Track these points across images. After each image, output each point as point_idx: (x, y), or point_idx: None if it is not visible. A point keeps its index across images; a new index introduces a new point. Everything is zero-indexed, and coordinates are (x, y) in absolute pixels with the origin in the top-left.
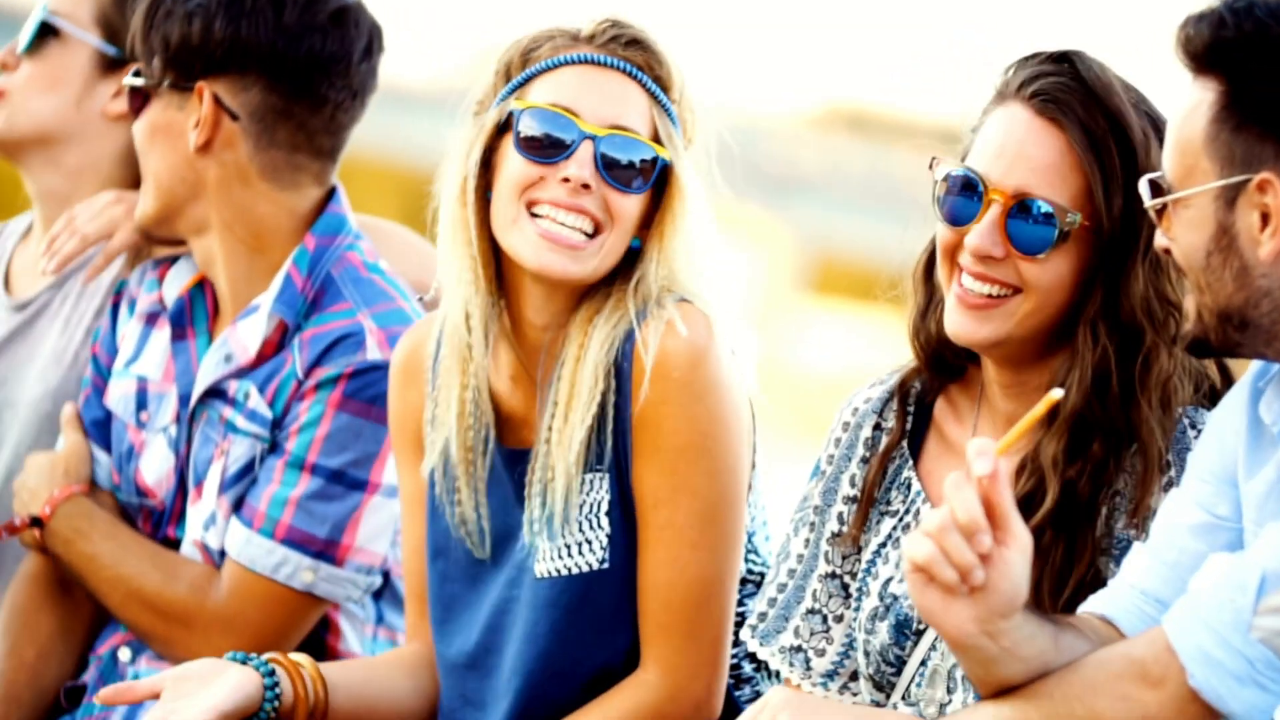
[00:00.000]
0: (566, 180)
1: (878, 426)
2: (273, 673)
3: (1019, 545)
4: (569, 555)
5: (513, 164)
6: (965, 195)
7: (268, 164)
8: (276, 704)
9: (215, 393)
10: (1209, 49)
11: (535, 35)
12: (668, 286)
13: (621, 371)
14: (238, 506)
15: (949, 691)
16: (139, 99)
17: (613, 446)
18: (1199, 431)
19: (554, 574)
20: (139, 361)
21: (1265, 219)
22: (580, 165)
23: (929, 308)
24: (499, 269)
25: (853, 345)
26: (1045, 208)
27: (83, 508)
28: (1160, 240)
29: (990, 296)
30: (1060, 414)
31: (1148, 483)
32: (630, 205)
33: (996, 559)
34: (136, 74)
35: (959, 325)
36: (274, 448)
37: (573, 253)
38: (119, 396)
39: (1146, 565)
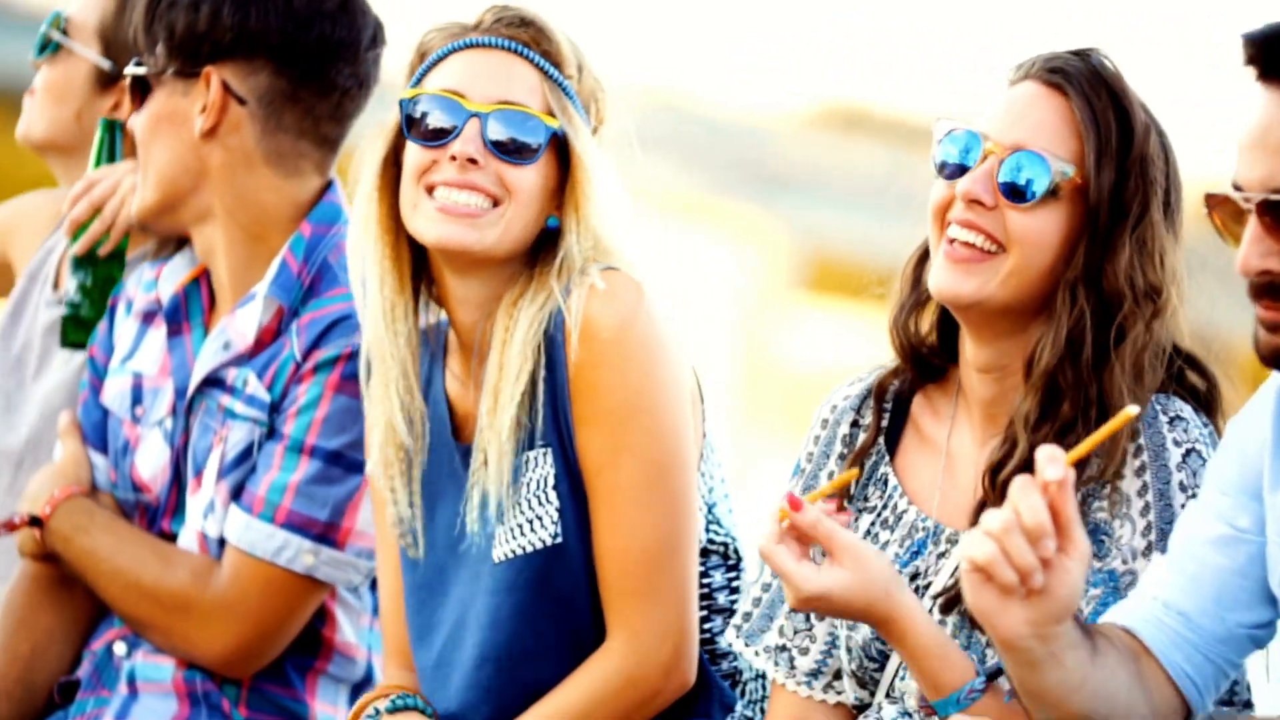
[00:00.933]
0: (454, 159)
1: (855, 424)
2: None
3: (1079, 554)
4: (521, 535)
5: (410, 153)
6: (963, 150)
7: (273, 149)
8: None
9: (213, 382)
10: None
11: (430, 31)
12: (594, 259)
13: (554, 343)
14: (237, 493)
15: None
16: (139, 92)
17: (553, 420)
18: (1170, 419)
19: (510, 555)
20: (135, 358)
21: None
22: (465, 142)
23: (914, 305)
24: (420, 268)
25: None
26: (1038, 158)
27: (83, 505)
28: (1267, 262)
29: (976, 248)
30: (1033, 373)
31: (1115, 452)
32: (525, 178)
33: (1057, 565)
34: (138, 63)
35: (943, 280)
36: (272, 432)
37: (470, 221)
38: (115, 393)
39: (1167, 577)
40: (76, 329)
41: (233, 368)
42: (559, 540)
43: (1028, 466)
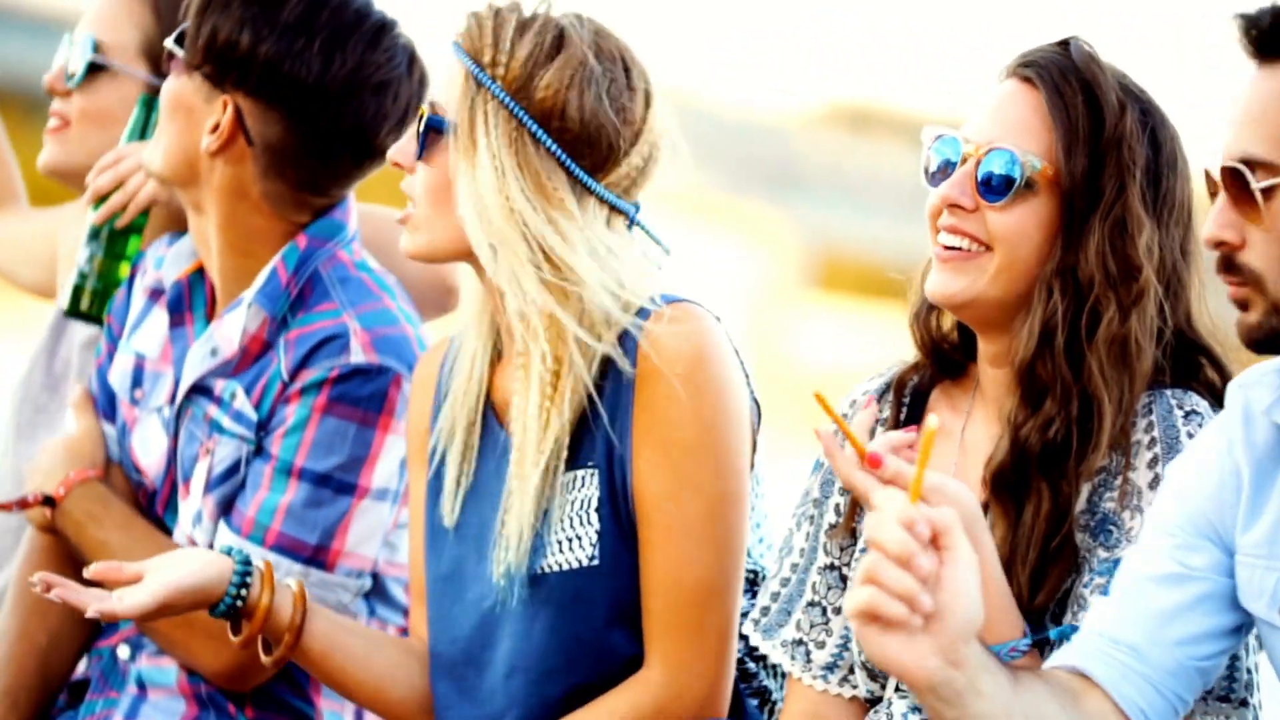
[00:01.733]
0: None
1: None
2: (247, 565)
3: (964, 561)
4: (560, 551)
5: None
6: (944, 156)
7: (271, 192)
8: (242, 598)
9: (201, 389)
10: None
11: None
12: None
13: (618, 369)
14: (226, 510)
15: None
16: (173, 61)
17: (605, 442)
18: (1186, 413)
19: (545, 570)
20: (139, 336)
21: None
22: (393, 149)
23: (931, 304)
24: None
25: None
26: (1008, 155)
27: (98, 492)
28: (1224, 234)
29: (961, 250)
30: (1014, 368)
31: (1100, 428)
32: (419, 178)
33: (943, 579)
34: (179, 40)
35: (934, 283)
36: (259, 451)
37: (401, 228)
38: (119, 372)
39: (1113, 614)
40: (80, 299)
41: (220, 378)
42: (596, 563)
43: (1018, 460)
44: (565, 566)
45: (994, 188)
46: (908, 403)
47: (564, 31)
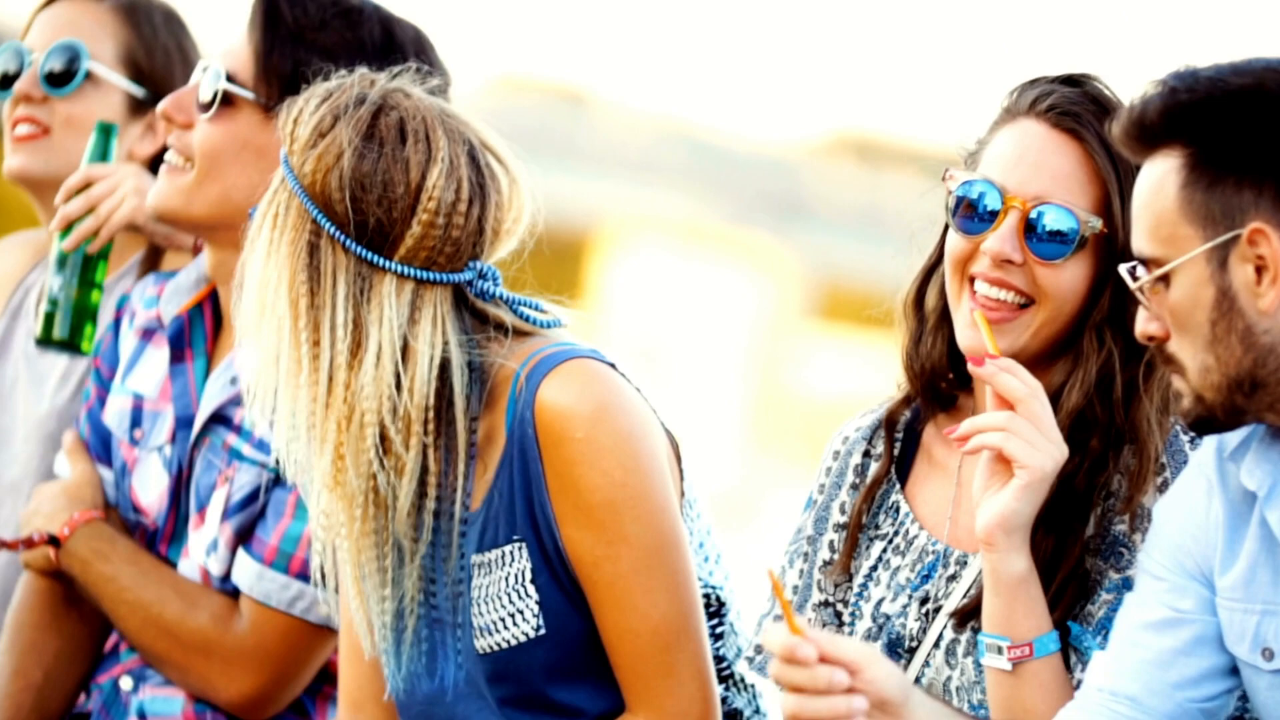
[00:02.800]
0: None
1: (866, 454)
2: None
3: (870, 661)
4: (503, 628)
5: None
6: (982, 204)
7: None
8: None
9: (219, 418)
10: (1166, 119)
11: None
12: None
13: (524, 434)
14: (246, 537)
15: (945, 702)
16: (227, 106)
17: (527, 513)
18: (1192, 438)
19: (492, 649)
20: (134, 377)
21: (1260, 271)
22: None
23: (921, 336)
24: None
25: (859, 371)
26: (1066, 214)
27: (103, 531)
28: (1148, 327)
29: (1005, 304)
30: (1060, 411)
31: (1142, 480)
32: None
33: (861, 683)
34: (229, 79)
35: (975, 339)
36: (280, 479)
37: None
38: (115, 413)
39: (1110, 668)
40: (52, 327)
41: (240, 406)
42: (542, 632)
43: (1060, 498)
44: (512, 642)
45: (1050, 245)
46: (900, 439)
47: (338, 114)
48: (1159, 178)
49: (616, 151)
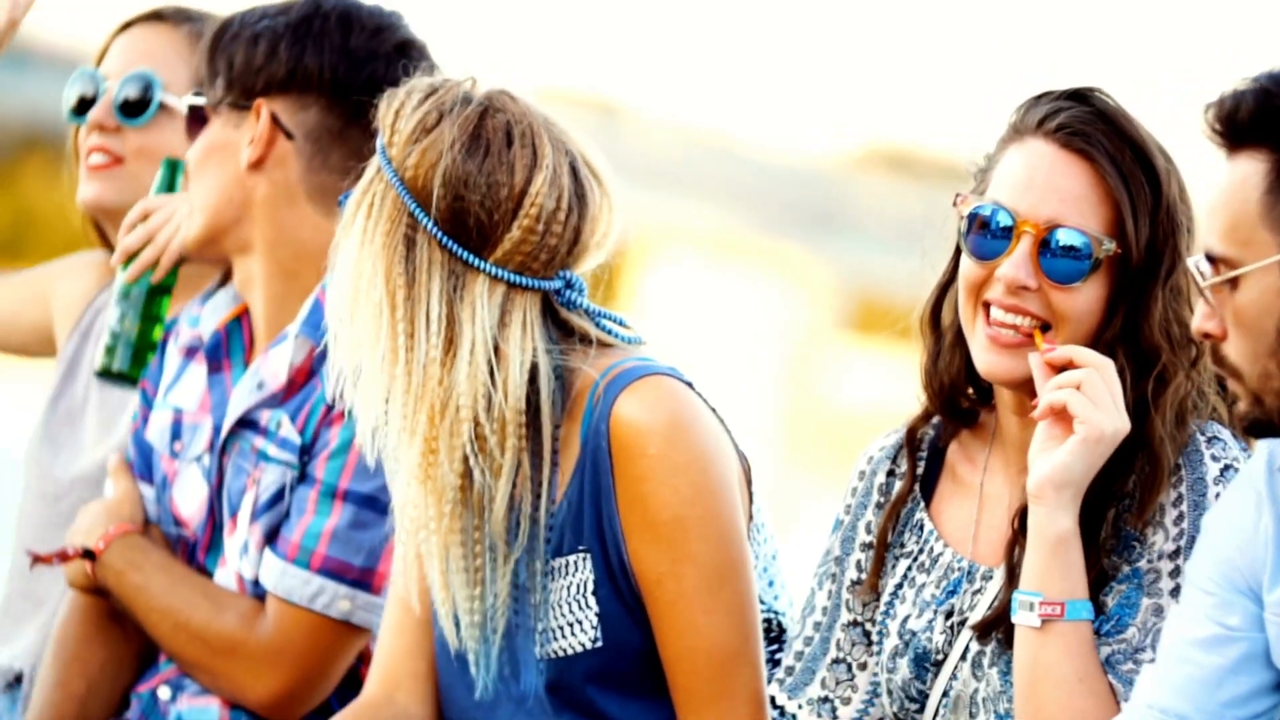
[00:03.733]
0: None
1: (891, 473)
2: None
3: None
4: (561, 637)
5: None
6: (994, 229)
7: (317, 186)
8: None
9: (247, 423)
10: (1257, 120)
11: None
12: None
13: (598, 446)
14: (271, 537)
15: (972, 716)
16: (197, 122)
17: (595, 524)
18: (1208, 439)
19: (550, 656)
20: (175, 392)
21: None
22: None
23: (939, 353)
24: None
25: (892, 383)
26: (1079, 237)
27: (137, 543)
28: (1206, 325)
29: (1021, 329)
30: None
31: (1156, 487)
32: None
33: None
34: (197, 94)
35: (993, 364)
36: (304, 477)
37: None
38: (156, 429)
39: (1159, 685)
40: (112, 360)
41: (266, 409)
42: (599, 644)
43: (1086, 510)
44: (569, 651)
45: (1064, 269)
46: (924, 457)
47: (444, 111)
48: (1241, 179)
49: (650, 163)
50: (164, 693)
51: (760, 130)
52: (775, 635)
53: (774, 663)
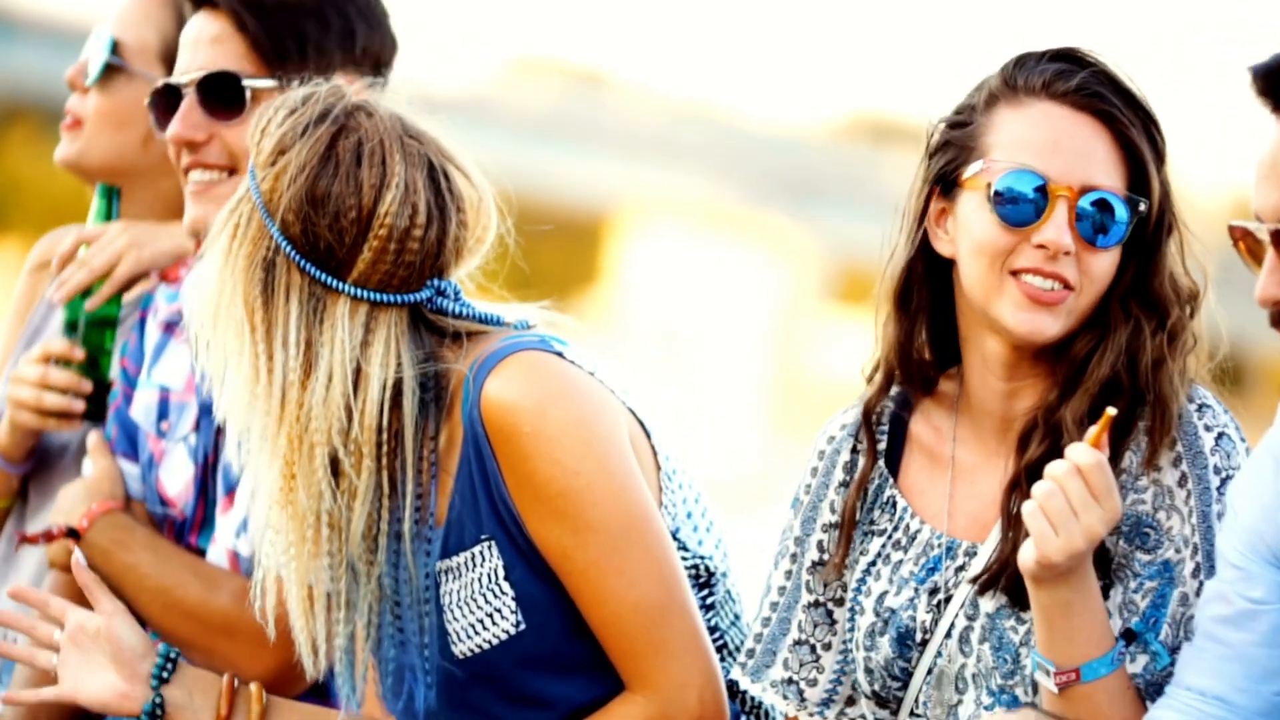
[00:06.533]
0: None
1: (855, 450)
2: (170, 657)
3: None
4: (483, 629)
5: None
6: (1027, 195)
7: None
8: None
9: None
10: None
11: None
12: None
13: (475, 433)
14: None
15: (958, 691)
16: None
17: (492, 511)
18: (1198, 407)
19: (473, 652)
20: (159, 370)
21: None
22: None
23: (912, 331)
24: None
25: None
26: (1116, 199)
27: (121, 521)
28: (1277, 291)
29: (1052, 292)
30: (1088, 379)
31: (1163, 435)
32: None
33: None
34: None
35: (1030, 324)
36: None
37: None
38: (142, 407)
39: (1196, 666)
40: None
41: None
42: (522, 628)
43: None
44: (494, 641)
45: (1102, 232)
46: (885, 431)
47: (299, 132)
48: None
49: (634, 133)
50: None
51: (744, 100)
52: (705, 580)
53: (706, 608)
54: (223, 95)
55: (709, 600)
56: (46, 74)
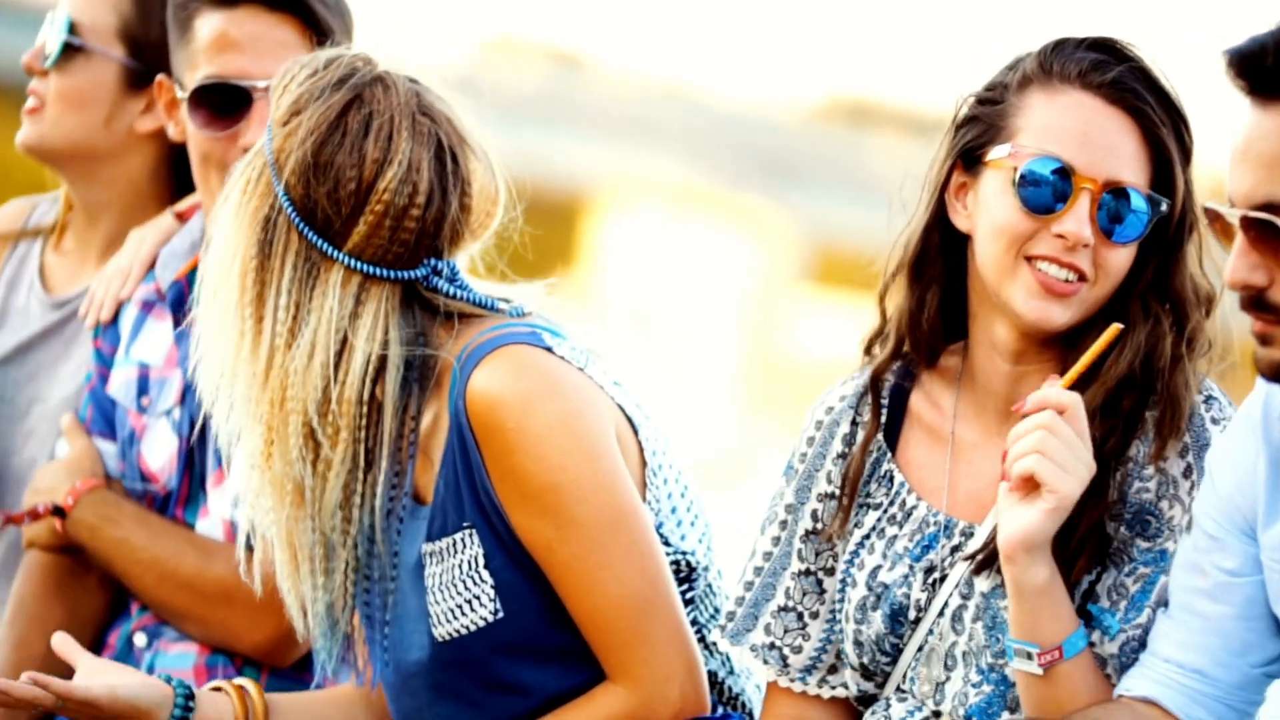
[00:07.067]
0: None
1: (854, 422)
2: (189, 697)
3: None
4: (461, 615)
5: None
6: (1051, 184)
7: None
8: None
9: None
10: None
11: None
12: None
13: (460, 421)
14: None
15: (947, 669)
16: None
17: (474, 500)
18: (1205, 399)
19: (452, 636)
20: (138, 347)
21: None
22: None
23: (923, 302)
24: None
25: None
26: (1139, 196)
27: (108, 496)
28: (1253, 276)
29: (1068, 283)
30: (1104, 375)
31: (1177, 429)
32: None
33: None
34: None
35: (1041, 311)
36: None
37: None
38: (121, 383)
39: (1174, 636)
40: None
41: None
42: (500, 615)
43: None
44: (472, 627)
45: (1123, 228)
46: (886, 404)
47: (314, 95)
48: None
49: (611, 114)
50: (139, 639)
51: (721, 82)
52: (685, 575)
53: (686, 602)
54: None
55: (689, 595)
56: (12, 53)
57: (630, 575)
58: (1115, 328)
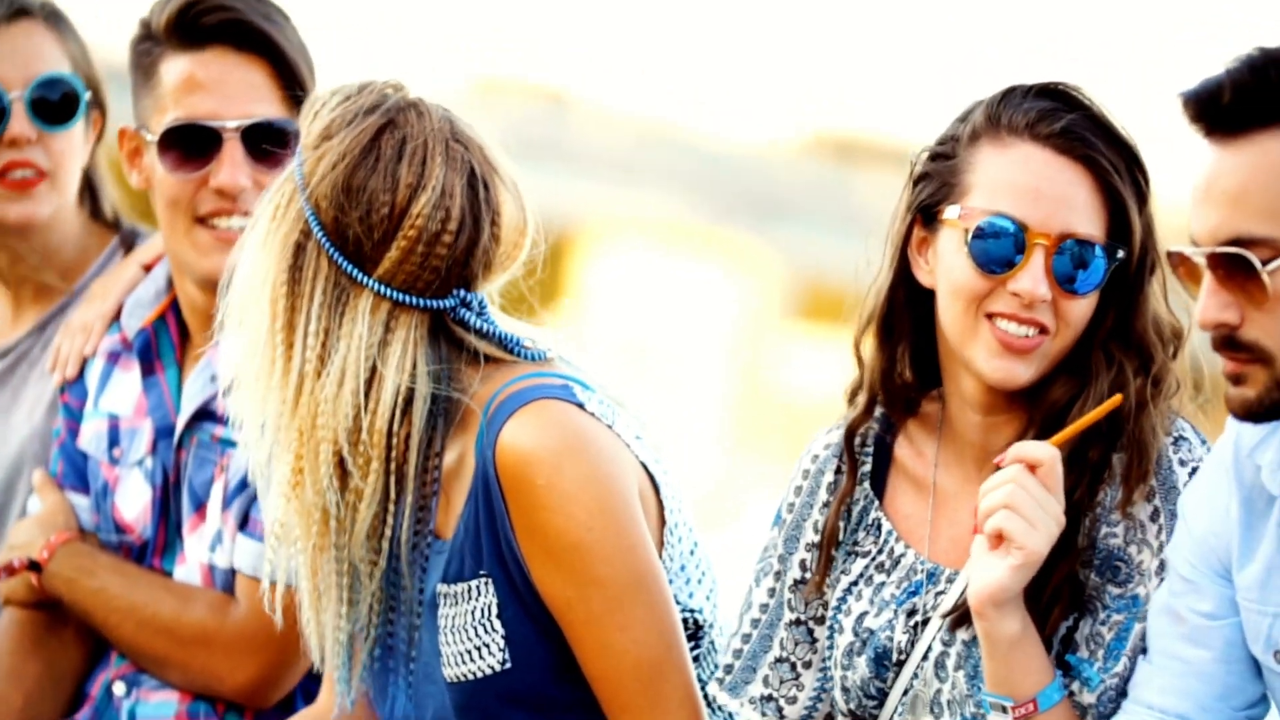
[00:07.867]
0: None
1: (839, 470)
2: None
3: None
4: (470, 660)
5: None
6: (1005, 242)
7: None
8: None
9: (203, 415)
10: (1262, 104)
11: None
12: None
13: (486, 473)
14: (243, 523)
15: (933, 715)
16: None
17: (494, 550)
18: (1174, 440)
19: (460, 679)
20: (106, 398)
21: None
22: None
23: (895, 358)
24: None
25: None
26: (1094, 247)
27: (82, 548)
28: (1224, 315)
29: (1028, 339)
30: (1070, 426)
31: (1140, 480)
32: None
33: None
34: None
35: (1004, 371)
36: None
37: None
38: (91, 436)
39: (1157, 684)
40: None
41: (223, 398)
42: (508, 666)
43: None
44: (479, 674)
45: (1080, 280)
46: (869, 454)
47: (348, 120)
48: (1262, 162)
49: (598, 152)
50: (118, 689)
51: (707, 119)
52: (692, 633)
53: (693, 660)
54: (270, 140)
55: (695, 652)
56: None
57: (648, 637)
58: (1117, 399)
